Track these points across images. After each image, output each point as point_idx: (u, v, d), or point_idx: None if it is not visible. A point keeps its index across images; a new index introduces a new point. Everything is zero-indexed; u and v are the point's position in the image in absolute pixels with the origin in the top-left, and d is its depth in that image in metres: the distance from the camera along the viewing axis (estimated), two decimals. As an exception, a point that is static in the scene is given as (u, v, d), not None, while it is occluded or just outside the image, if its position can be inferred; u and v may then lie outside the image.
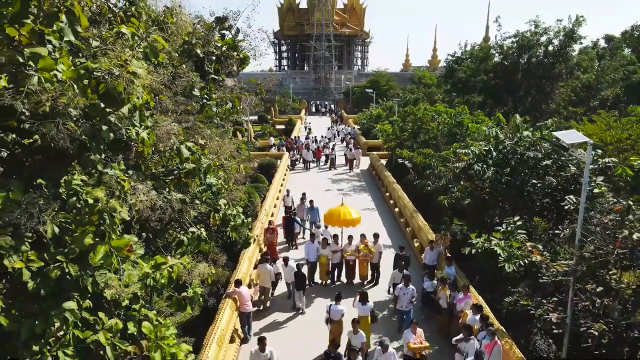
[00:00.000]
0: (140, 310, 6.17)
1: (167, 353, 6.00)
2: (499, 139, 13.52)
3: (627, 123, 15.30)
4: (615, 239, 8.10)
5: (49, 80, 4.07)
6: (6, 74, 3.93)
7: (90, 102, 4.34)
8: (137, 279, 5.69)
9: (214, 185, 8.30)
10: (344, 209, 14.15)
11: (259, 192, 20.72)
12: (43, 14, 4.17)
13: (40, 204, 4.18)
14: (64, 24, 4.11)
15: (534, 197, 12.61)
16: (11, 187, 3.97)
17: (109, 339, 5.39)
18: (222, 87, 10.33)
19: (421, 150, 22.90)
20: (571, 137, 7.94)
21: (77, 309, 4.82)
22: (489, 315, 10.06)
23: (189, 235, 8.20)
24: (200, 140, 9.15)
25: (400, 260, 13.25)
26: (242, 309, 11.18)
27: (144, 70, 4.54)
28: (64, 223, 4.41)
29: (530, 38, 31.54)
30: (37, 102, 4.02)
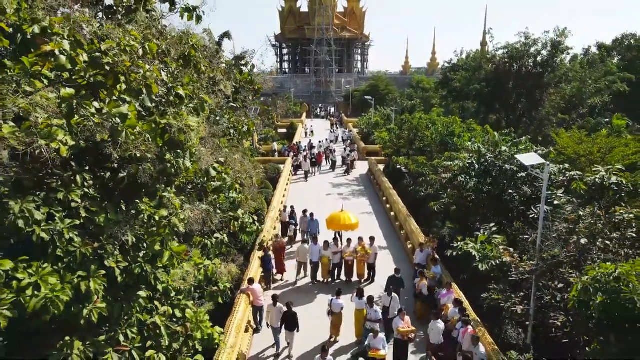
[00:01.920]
0: (182, 301, 7.89)
1: (205, 333, 7.71)
2: (482, 153, 15.21)
3: (596, 137, 16.98)
4: (568, 243, 9.80)
5: (133, 133, 5.77)
6: (106, 131, 5.63)
7: (159, 147, 6.04)
8: (180, 276, 7.42)
9: (235, 199, 10.01)
10: (344, 214, 15.85)
11: (264, 197, 22.41)
12: (128, 86, 5.88)
13: (124, 221, 5.88)
14: (144, 94, 5.81)
15: (510, 205, 14.31)
16: (108, 210, 5.66)
17: (163, 321, 7.10)
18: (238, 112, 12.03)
19: (415, 158, 24.61)
20: (531, 160, 9.63)
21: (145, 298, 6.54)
22: (466, 308, 11.74)
23: (213, 240, 9.93)
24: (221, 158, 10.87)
25: (394, 282, 13.41)
26: (255, 304, 12.88)
27: (196, 122, 6.23)
28: (140, 234, 6.12)
29: (519, 49, 33.24)
30: (125, 150, 5.72)
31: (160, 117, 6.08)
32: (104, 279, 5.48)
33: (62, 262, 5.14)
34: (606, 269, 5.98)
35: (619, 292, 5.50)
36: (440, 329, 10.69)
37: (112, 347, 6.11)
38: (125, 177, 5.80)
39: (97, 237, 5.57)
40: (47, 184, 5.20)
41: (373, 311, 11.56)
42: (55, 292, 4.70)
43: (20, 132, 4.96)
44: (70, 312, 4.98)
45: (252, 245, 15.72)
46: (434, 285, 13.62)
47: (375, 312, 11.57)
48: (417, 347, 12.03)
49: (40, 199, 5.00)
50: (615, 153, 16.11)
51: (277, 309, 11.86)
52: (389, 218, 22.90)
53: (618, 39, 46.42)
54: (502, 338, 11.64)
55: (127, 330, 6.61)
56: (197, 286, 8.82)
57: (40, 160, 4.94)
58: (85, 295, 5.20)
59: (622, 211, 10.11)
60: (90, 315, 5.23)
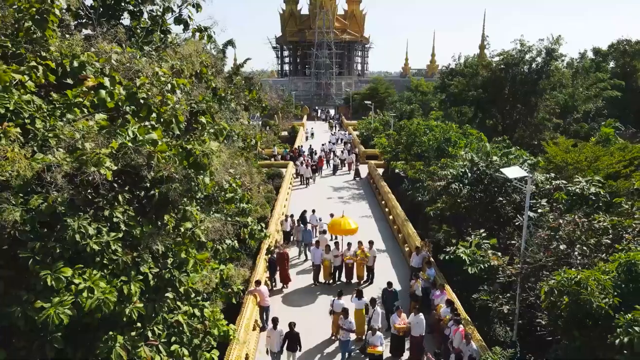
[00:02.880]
0: (200, 301, 8.84)
1: (221, 330, 8.65)
2: (474, 162, 16.16)
3: (583, 147, 17.92)
4: (549, 249, 10.74)
5: (164, 157, 6.71)
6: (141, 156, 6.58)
7: (185, 169, 6.98)
8: (198, 279, 8.37)
9: (246, 208, 10.95)
10: (345, 220, 16.81)
11: (267, 201, 23.37)
12: (159, 117, 6.83)
13: (156, 233, 6.83)
14: (173, 124, 6.76)
15: (501, 212, 15.25)
16: (143, 224, 6.61)
17: (184, 319, 8.04)
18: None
19: (413, 164, 25.57)
20: (514, 173, 10.58)
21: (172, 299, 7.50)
22: (458, 308, 12.69)
23: (224, 245, 10.87)
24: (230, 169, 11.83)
25: (389, 295, 13.73)
26: (261, 304, 13.84)
27: (217, 147, 7.18)
28: (168, 244, 7.07)
29: (515, 56, 34.20)
30: (157, 172, 6.67)
31: (186, 143, 7.03)
32: (141, 282, 6.43)
33: (107, 268, 6.09)
34: (569, 274, 6.92)
35: (579, 295, 6.45)
36: (422, 323, 11.77)
37: (143, 341, 7.06)
38: (157, 195, 6.74)
39: (134, 247, 6.52)
40: (95, 202, 6.14)
41: (347, 322, 11.93)
42: (105, 294, 5.65)
43: (73, 160, 5.91)
44: (115, 311, 5.92)
45: (257, 249, 16.70)
46: (428, 286, 14.58)
47: (349, 323, 11.96)
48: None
49: (90, 216, 5.94)
50: (600, 161, 17.05)
51: (278, 332, 11.61)
52: (388, 221, 23.85)
53: (614, 44, 47.40)
54: (490, 335, 12.59)
55: (154, 327, 7.56)
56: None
57: (90, 183, 5.89)
58: (126, 296, 6.14)
59: (601, 219, 11.07)
60: (131, 314, 6.18)
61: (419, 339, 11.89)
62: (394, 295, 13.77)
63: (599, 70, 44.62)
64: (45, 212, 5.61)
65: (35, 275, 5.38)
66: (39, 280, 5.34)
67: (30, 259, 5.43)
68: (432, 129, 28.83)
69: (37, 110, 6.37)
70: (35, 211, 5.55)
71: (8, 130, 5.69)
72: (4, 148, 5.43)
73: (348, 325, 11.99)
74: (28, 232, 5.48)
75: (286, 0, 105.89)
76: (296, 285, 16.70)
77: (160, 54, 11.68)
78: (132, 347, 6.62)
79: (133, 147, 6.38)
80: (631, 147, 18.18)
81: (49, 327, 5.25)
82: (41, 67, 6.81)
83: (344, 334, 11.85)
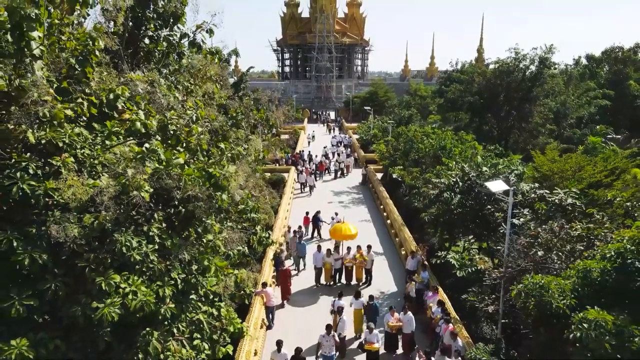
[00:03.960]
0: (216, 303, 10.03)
1: (235, 327, 9.84)
2: (465, 172, 17.33)
3: (567, 157, 19.10)
4: (528, 255, 11.91)
5: (190, 179, 7.90)
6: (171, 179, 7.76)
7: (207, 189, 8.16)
8: (215, 283, 9.56)
9: (255, 218, 12.13)
10: (345, 225, 18.01)
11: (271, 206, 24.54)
12: (187, 146, 8.02)
13: (183, 244, 8.01)
14: (198, 151, 7.95)
15: (490, 219, 16.41)
16: (173, 237, 7.80)
17: (205, 318, 9.23)
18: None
19: (410, 170, 26.73)
20: (497, 187, 11.75)
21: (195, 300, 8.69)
22: (448, 308, 13.87)
23: (235, 251, 12.06)
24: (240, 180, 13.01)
25: (368, 309, 14.11)
26: (267, 304, 15.01)
27: (234, 170, 8.36)
28: (193, 253, 8.25)
29: (509, 64, 35.40)
30: (184, 192, 7.85)
31: (208, 167, 8.22)
32: (172, 286, 7.62)
33: (145, 275, 7.27)
34: (535, 279, 8.08)
35: (542, 297, 7.59)
36: (412, 321, 13.03)
37: (171, 337, 8.25)
38: (184, 211, 7.93)
39: (166, 257, 7.71)
40: (135, 220, 7.32)
41: (342, 320, 13.12)
42: (146, 296, 6.82)
43: (117, 184, 7.09)
44: (153, 310, 7.10)
45: (262, 253, 17.89)
46: (422, 288, 15.77)
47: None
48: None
49: (132, 231, 7.12)
50: (584, 171, 18.20)
51: (282, 355, 11.62)
52: (386, 225, 25.02)
53: (607, 50, 48.58)
54: (478, 333, 13.76)
55: (180, 324, 8.75)
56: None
57: (132, 203, 7.07)
58: (161, 298, 7.32)
59: (579, 226, 12.25)
60: (165, 313, 7.37)
61: (410, 335, 13.08)
62: (375, 309, 14.23)
63: (593, 77, 45.82)
64: (96, 229, 6.80)
65: (90, 281, 6.57)
66: (94, 285, 6.52)
67: (86, 267, 6.62)
68: (428, 136, 30.00)
69: (85, 141, 7.56)
70: (88, 228, 6.74)
71: (66, 160, 6.88)
72: (65, 176, 6.62)
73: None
74: (84, 246, 6.67)
75: (287, 4, 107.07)
76: (299, 287, 17.88)
77: (177, 78, 12.93)
78: (163, 341, 7.82)
79: (165, 171, 7.58)
80: (613, 157, 19.33)
81: (103, 324, 6.44)
82: (85, 102, 8.00)
83: (327, 349, 12.14)
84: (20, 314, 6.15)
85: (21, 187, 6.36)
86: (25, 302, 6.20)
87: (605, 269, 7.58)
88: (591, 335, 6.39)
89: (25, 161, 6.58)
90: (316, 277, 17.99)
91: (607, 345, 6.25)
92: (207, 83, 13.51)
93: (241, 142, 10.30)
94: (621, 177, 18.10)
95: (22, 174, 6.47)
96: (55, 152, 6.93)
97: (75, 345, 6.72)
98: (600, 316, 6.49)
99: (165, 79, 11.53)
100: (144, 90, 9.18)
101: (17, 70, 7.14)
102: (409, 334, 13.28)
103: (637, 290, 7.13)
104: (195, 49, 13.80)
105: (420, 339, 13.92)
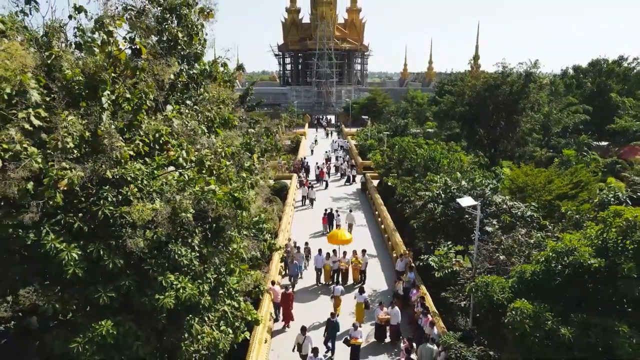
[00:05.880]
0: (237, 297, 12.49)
1: (252, 317, 12.30)
2: (448, 185, 19.80)
3: (538, 172, 21.56)
4: (492, 259, 14.38)
5: (221, 202, 10.34)
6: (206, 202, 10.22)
7: (233, 209, 10.62)
8: (237, 281, 12.03)
9: (264, 228, 14.59)
10: (341, 232, 20.51)
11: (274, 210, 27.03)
12: (218, 177, 10.50)
13: (215, 251, 10.48)
14: (227, 181, 10.41)
15: (467, 226, 18.87)
16: (208, 246, 10.26)
17: (229, 309, 11.69)
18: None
19: (404, 179, 29.20)
20: (466, 202, 14.20)
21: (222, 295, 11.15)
22: (428, 303, 16.32)
23: (248, 255, 14.50)
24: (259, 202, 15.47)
25: (330, 324, 14.90)
26: (274, 300, 17.47)
27: (254, 194, 10.81)
28: (222, 258, 10.72)
29: (496, 77, 37.90)
30: (215, 212, 10.30)
31: (234, 192, 10.69)
32: (209, 283, 10.08)
33: (189, 275, 9.72)
34: (484, 279, 10.51)
35: (487, 292, 10.02)
36: (398, 314, 15.48)
37: (205, 323, 10.71)
38: (215, 227, 10.39)
39: (203, 261, 10.17)
40: (182, 234, 9.78)
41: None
42: (192, 291, 9.27)
43: (170, 207, 9.54)
44: (196, 301, 9.54)
45: (270, 256, 20.39)
46: (408, 287, 18.22)
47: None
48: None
49: (180, 242, 9.57)
50: (554, 184, 20.63)
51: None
52: (380, 230, 27.48)
53: (593, 62, 51.09)
54: (454, 324, 16.22)
55: (209, 314, 11.21)
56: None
57: (180, 221, 9.53)
58: (201, 293, 9.78)
59: (539, 235, 14.72)
60: (205, 303, 9.83)
61: (397, 326, 15.56)
62: (336, 325, 15.01)
63: (579, 87, 48.30)
64: (155, 241, 9.25)
65: (153, 279, 9.03)
66: (156, 282, 8.99)
67: (150, 269, 9.08)
68: (420, 146, 32.48)
69: (143, 174, 10.01)
70: (150, 240, 9.19)
71: (132, 190, 9.34)
72: (133, 203, 9.08)
73: (307, 343, 13.88)
74: (147, 253, 9.13)
75: (288, 10, 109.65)
76: (302, 285, 20.35)
77: (199, 108, 15.41)
78: (200, 325, 10.30)
79: (202, 196, 10.06)
80: (579, 171, 21.76)
81: (163, 311, 8.91)
82: (140, 143, 10.46)
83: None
84: (105, 303, 8.61)
85: (104, 211, 8.82)
86: (108, 294, 8.67)
87: (535, 271, 10.00)
88: (517, 319, 8.82)
89: (105, 192, 9.05)
90: (317, 277, 20.45)
91: (526, 327, 8.68)
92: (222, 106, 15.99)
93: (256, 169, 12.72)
94: (586, 189, 20.55)
95: (104, 202, 8.94)
96: (124, 184, 9.39)
97: (142, 326, 9.17)
98: (522, 305, 8.90)
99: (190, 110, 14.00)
100: (179, 125, 11.66)
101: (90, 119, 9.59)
102: (396, 325, 15.75)
103: (556, 287, 9.56)
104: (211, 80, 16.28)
105: (406, 330, 16.39)
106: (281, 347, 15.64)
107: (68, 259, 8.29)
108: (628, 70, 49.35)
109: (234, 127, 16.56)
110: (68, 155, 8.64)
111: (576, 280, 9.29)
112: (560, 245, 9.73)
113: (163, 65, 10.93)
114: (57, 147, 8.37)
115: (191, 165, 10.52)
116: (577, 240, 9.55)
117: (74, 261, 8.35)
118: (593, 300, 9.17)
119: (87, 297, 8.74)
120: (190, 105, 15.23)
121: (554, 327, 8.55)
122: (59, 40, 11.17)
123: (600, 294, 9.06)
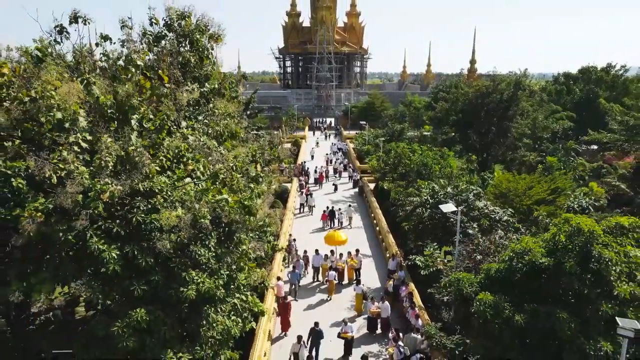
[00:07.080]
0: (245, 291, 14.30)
1: (259, 309, 14.10)
2: (435, 191, 21.61)
3: (519, 179, 23.36)
4: (471, 259, 16.18)
5: (232, 209, 12.15)
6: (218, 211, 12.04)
7: (242, 215, 12.42)
8: (245, 277, 13.84)
9: (268, 230, 16.39)
10: (337, 233, 22.34)
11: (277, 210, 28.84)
12: (230, 188, 12.33)
13: (228, 252, 12.29)
14: (238, 190, 12.22)
15: (452, 229, 20.68)
16: (221, 247, 12.06)
17: (239, 302, 13.49)
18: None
19: (398, 183, 31.02)
20: (448, 208, 16.00)
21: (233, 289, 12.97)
22: (416, 298, 18.13)
23: (254, 255, 16.31)
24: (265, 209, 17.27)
25: (314, 333, 15.61)
26: (278, 294, 19.28)
27: (261, 202, 12.60)
28: (233, 258, 12.53)
29: (487, 86, 39.74)
30: (228, 218, 12.12)
31: (244, 200, 12.50)
32: (223, 279, 11.89)
33: (207, 271, 11.52)
34: (456, 275, 12.30)
35: (458, 286, 11.81)
36: (387, 308, 17.22)
37: (218, 313, 12.51)
38: (227, 230, 12.19)
39: (218, 260, 11.98)
40: (200, 237, 11.59)
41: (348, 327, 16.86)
42: (209, 285, 11.07)
43: (191, 214, 11.35)
44: (213, 294, 11.34)
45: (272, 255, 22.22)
46: (399, 284, 20.04)
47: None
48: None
49: (199, 244, 11.37)
50: (533, 190, 22.43)
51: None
52: (375, 232, 29.29)
53: (583, 69, 52.92)
54: (439, 318, 18.03)
55: (222, 305, 13.02)
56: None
57: (199, 226, 11.34)
58: (216, 286, 11.58)
59: (514, 237, 16.53)
60: (220, 295, 11.64)
61: (387, 319, 17.37)
62: (319, 334, 15.75)
63: (569, 93, 50.13)
64: (179, 243, 11.06)
65: (178, 275, 10.84)
66: (180, 277, 10.80)
67: (175, 267, 10.89)
68: (414, 152, 34.29)
69: (167, 186, 11.82)
70: (174, 242, 11.00)
71: (159, 200, 11.15)
72: (161, 210, 10.88)
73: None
74: (172, 253, 10.93)
75: (289, 14, 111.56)
76: (301, 283, 22.16)
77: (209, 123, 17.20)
78: (215, 314, 12.11)
79: (217, 205, 11.88)
80: (557, 178, 23.57)
81: (187, 302, 10.72)
82: (164, 159, 12.27)
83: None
84: (139, 295, 10.42)
85: (137, 218, 10.63)
86: (141, 287, 10.47)
87: (499, 268, 11.79)
88: (480, 308, 10.61)
89: (137, 202, 10.86)
90: (314, 275, 22.28)
91: (488, 314, 10.48)
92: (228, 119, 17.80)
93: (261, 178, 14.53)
94: (562, 194, 22.36)
95: (137, 210, 10.74)
96: (153, 195, 11.21)
97: (168, 314, 10.99)
98: (485, 297, 10.70)
99: (201, 124, 15.81)
100: (194, 141, 13.47)
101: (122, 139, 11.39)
102: (386, 318, 17.55)
103: (515, 282, 11.36)
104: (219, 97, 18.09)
105: (395, 322, 18.20)
106: (279, 354, 16.79)
107: (108, 258, 10.09)
108: (616, 78, 51.19)
109: (239, 137, 18.39)
110: (108, 171, 10.46)
111: (531, 276, 11.10)
112: (519, 246, 11.53)
113: (184, 91, 12.72)
114: (101, 165, 10.18)
115: (206, 178, 12.32)
116: (532, 242, 11.36)
117: (113, 260, 10.14)
118: (544, 293, 10.98)
119: (123, 290, 10.55)
120: (201, 120, 17.07)
121: (510, 314, 10.35)
122: (85, 64, 13.05)
123: (549, 287, 10.87)
